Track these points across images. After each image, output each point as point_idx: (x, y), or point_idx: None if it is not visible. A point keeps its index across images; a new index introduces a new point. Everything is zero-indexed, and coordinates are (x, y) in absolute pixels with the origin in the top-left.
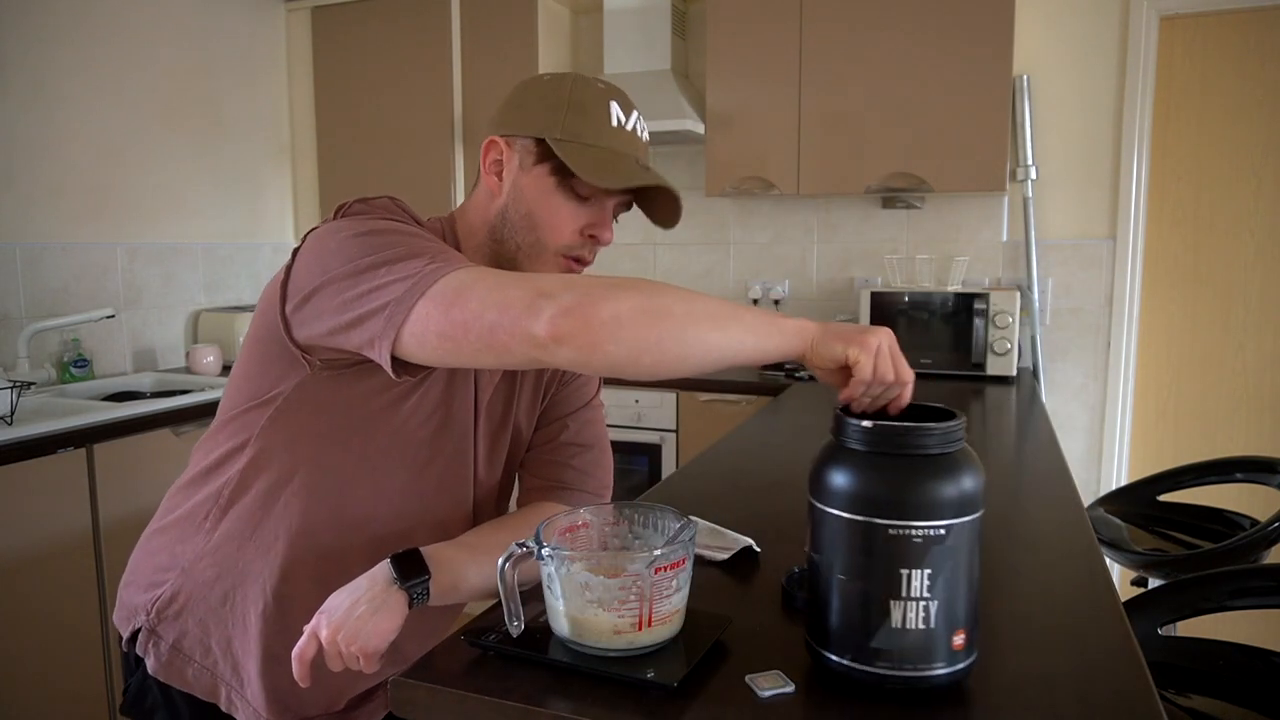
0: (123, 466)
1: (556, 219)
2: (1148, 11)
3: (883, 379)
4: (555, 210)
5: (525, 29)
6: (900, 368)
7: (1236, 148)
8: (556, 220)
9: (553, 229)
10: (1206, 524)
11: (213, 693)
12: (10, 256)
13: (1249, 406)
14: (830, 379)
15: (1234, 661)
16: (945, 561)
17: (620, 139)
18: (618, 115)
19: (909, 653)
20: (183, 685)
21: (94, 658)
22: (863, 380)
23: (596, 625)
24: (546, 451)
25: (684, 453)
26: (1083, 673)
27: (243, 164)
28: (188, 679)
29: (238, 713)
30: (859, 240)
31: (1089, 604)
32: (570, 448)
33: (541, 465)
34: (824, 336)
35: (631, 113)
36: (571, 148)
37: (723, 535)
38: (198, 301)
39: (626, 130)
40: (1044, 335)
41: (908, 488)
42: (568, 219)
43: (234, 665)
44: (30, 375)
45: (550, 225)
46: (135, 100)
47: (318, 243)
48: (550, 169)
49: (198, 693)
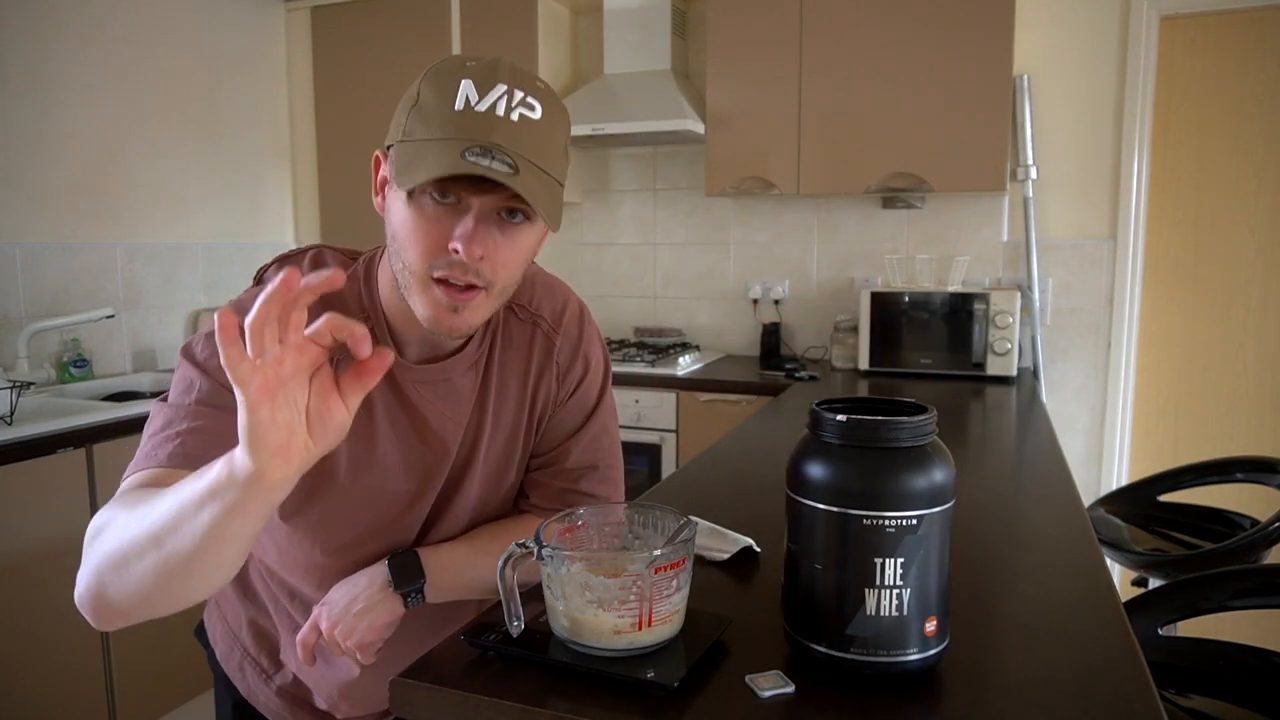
0: (122, 466)
1: (414, 234)
2: (1148, 11)
3: None
4: (409, 225)
5: (525, 29)
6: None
7: (1237, 148)
8: (414, 236)
9: (412, 245)
10: (1207, 524)
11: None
12: (10, 256)
13: (1249, 406)
14: None
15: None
16: (917, 550)
17: (458, 123)
18: (467, 95)
19: (883, 639)
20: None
21: (94, 658)
22: None
23: (596, 625)
24: (549, 475)
25: (684, 453)
26: (1083, 673)
27: (243, 164)
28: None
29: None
30: (859, 240)
31: (1089, 604)
32: (575, 471)
33: (545, 490)
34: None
35: (492, 89)
36: (399, 148)
37: (723, 535)
38: (197, 301)
39: (474, 110)
40: (1044, 335)
41: (881, 479)
42: (420, 234)
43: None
44: (30, 375)
45: (409, 242)
46: (135, 100)
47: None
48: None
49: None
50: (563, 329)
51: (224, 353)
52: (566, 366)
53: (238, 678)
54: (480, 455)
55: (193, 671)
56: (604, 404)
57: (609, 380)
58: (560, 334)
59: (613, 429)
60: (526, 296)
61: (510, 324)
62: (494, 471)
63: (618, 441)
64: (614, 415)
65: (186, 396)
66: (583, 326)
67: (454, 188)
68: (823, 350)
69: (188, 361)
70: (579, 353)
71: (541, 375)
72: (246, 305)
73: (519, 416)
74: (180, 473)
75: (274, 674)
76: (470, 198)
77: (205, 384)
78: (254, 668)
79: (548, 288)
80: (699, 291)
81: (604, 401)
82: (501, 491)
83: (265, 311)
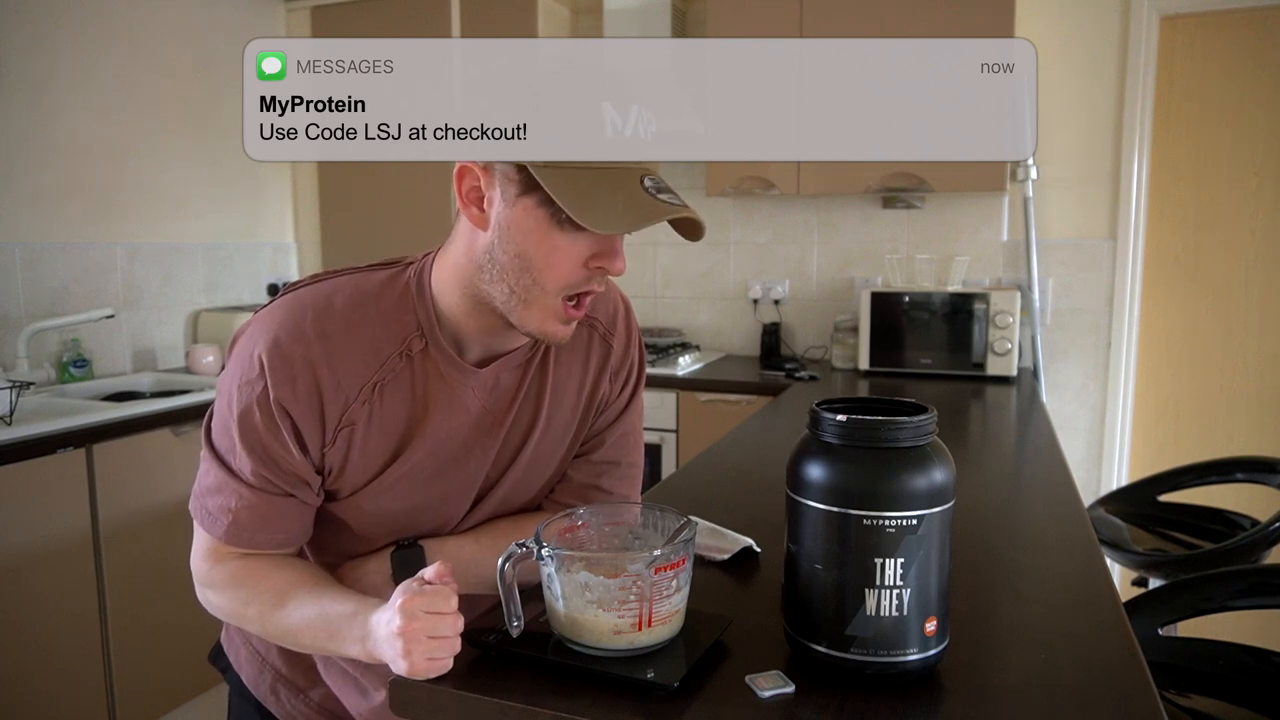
0: (122, 466)
1: (556, 257)
2: (1148, 11)
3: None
4: (554, 249)
5: (525, 29)
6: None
7: (1237, 148)
8: (556, 259)
9: (552, 268)
10: (1207, 524)
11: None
12: (10, 256)
13: (1249, 406)
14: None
15: (1234, 661)
16: (917, 551)
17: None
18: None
19: (883, 639)
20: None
21: (94, 658)
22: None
23: (596, 625)
24: (572, 468)
25: (684, 453)
26: (1083, 673)
27: (243, 164)
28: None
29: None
30: (859, 240)
31: (1089, 604)
32: (598, 466)
33: (566, 483)
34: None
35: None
36: (558, 176)
37: (723, 535)
38: (197, 302)
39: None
40: (1044, 335)
41: (881, 479)
42: (570, 255)
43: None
44: (30, 375)
45: (548, 265)
46: (135, 100)
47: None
48: (539, 200)
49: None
50: (617, 331)
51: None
52: (618, 367)
53: (271, 701)
54: (526, 454)
55: (193, 671)
56: (635, 404)
57: (644, 380)
58: (615, 336)
59: (639, 428)
60: None
61: None
62: (538, 470)
63: (642, 441)
64: (642, 416)
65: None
66: (630, 327)
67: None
68: (823, 350)
69: (227, 420)
70: (629, 354)
71: (600, 377)
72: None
73: (573, 417)
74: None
75: (310, 690)
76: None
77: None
78: (288, 688)
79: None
80: (699, 291)
81: (635, 402)
82: (541, 488)
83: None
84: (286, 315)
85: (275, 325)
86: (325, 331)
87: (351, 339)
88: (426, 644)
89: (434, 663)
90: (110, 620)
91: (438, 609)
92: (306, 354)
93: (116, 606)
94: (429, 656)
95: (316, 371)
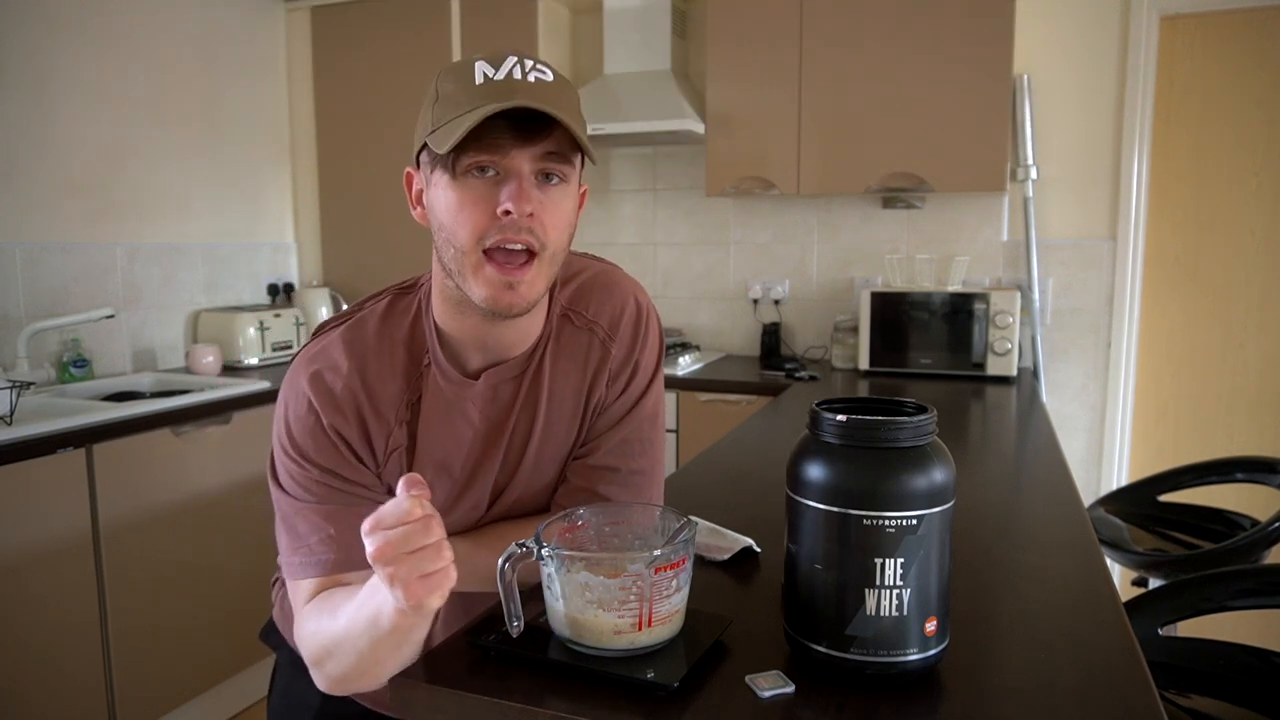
0: (122, 466)
1: (458, 214)
2: (1148, 11)
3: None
4: (453, 207)
5: (525, 29)
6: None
7: (1237, 148)
8: (459, 215)
9: (458, 228)
10: (1207, 524)
11: None
12: (10, 256)
13: (1249, 406)
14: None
15: (1234, 661)
16: (917, 551)
17: (483, 92)
18: (484, 72)
19: (883, 639)
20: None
21: (94, 658)
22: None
23: (596, 625)
24: (569, 471)
25: (684, 453)
26: (1083, 673)
27: (243, 164)
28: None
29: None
30: (859, 240)
31: (1089, 604)
32: (595, 471)
33: (566, 486)
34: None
35: (504, 62)
36: (433, 138)
37: (723, 535)
38: (197, 301)
39: (494, 80)
40: (1044, 335)
41: (881, 479)
42: (468, 207)
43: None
44: (30, 375)
45: (456, 223)
46: (135, 100)
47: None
48: (440, 166)
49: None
50: (619, 335)
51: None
52: (618, 371)
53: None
54: (528, 460)
55: (193, 671)
56: (640, 409)
57: (655, 386)
58: (615, 340)
59: (647, 434)
60: (584, 304)
61: (565, 331)
62: (542, 475)
63: (652, 448)
64: (653, 421)
65: (317, 497)
66: (638, 330)
67: (493, 148)
68: (823, 350)
69: (287, 456)
70: (631, 358)
71: (596, 380)
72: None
73: (572, 423)
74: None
75: None
76: (510, 158)
77: (324, 484)
78: None
79: (607, 290)
80: (699, 291)
81: (641, 407)
82: (541, 493)
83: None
84: (321, 352)
85: (316, 363)
86: (359, 366)
87: (381, 366)
88: (421, 582)
89: (436, 591)
90: (110, 620)
91: (416, 546)
92: (348, 385)
93: (116, 606)
94: (430, 590)
95: (358, 400)
